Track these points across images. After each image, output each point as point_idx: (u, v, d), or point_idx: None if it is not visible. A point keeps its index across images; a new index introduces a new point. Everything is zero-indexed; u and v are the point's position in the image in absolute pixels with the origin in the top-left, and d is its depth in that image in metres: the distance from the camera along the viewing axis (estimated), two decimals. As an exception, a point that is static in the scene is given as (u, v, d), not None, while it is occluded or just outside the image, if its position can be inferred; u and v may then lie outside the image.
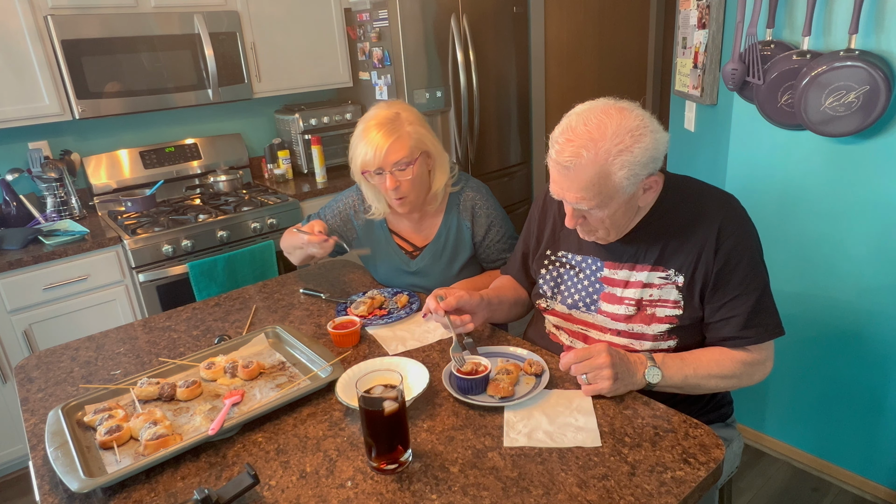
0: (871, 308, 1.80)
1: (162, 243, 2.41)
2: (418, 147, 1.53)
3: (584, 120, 1.08)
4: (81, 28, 2.34)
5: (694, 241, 1.17)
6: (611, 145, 1.05)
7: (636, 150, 1.05)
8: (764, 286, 1.17)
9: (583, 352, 1.11)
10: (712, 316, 1.18)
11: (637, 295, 1.21)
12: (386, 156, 1.48)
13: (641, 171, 1.08)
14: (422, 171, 1.55)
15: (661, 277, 1.19)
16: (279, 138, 3.23)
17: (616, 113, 1.07)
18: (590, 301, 1.28)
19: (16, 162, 2.59)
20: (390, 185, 1.51)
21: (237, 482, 0.91)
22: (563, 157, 1.07)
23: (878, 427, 1.90)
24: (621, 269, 1.24)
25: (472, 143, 3.25)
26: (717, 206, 1.19)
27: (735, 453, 1.32)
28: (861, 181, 1.73)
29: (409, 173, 1.51)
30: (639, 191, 1.13)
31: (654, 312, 1.20)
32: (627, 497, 0.89)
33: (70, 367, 1.41)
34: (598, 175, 1.06)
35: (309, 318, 1.56)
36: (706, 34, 2.10)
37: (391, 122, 1.50)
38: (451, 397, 1.16)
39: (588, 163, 1.05)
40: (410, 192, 1.55)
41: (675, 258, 1.18)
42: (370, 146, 1.49)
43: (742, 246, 1.15)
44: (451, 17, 2.99)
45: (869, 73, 1.52)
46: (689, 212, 1.19)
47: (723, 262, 1.14)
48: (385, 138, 1.48)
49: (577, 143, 1.06)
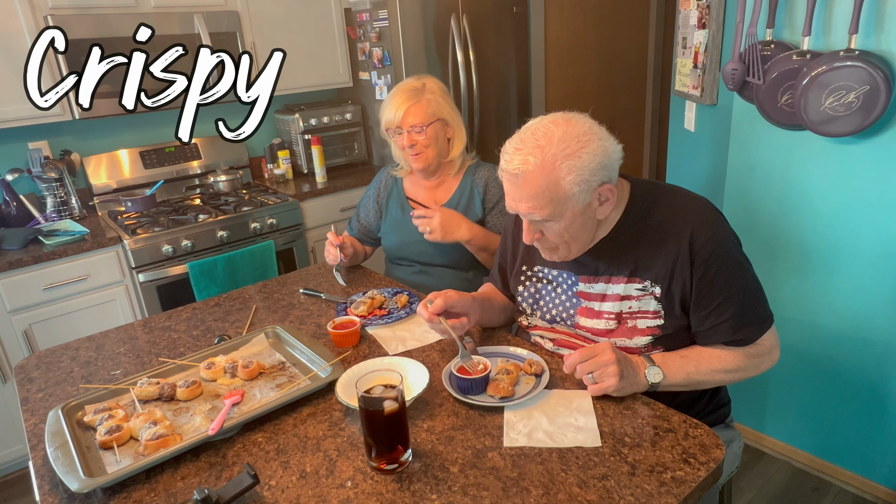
0: (871, 308, 1.80)
1: (162, 243, 2.42)
2: (435, 114, 1.72)
3: (532, 131, 1.10)
4: (81, 28, 2.34)
5: (666, 251, 1.15)
6: (557, 150, 1.06)
7: (583, 154, 1.06)
8: (747, 283, 1.16)
9: (587, 351, 1.11)
10: (700, 325, 1.16)
11: (616, 308, 1.20)
12: (404, 117, 1.70)
13: (592, 178, 1.07)
14: (437, 135, 1.74)
15: (639, 289, 1.17)
16: (279, 138, 3.23)
17: (563, 122, 1.10)
18: (566, 316, 1.27)
19: (16, 162, 2.59)
20: (407, 143, 1.72)
21: (237, 482, 0.92)
22: (512, 165, 1.09)
23: (878, 427, 1.90)
24: (597, 282, 1.22)
25: (471, 143, 3.25)
26: (685, 213, 1.16)
27: (735, 453, 1.32)
28: (861, 181, 1.73)
29: (423, 135, 1.71)
30: (594, 201, 1.11)
31: (636, 325, 1.18)
32: (627, 497, 0.89)
33: (70, 367, 1.41)
34: (548, 182, 1.06)
35: (309, 318, 1.56)
36: (706, 34, 2.10)
37: (415, 90, 1.72)
38: (451, 397, 1.16)
39: (536, 169, 1.06)
40: (425, 150, 1.73)
41: (650, 269, 1.16)
42: (392, 107, 1.71)
43: (718, 251, 1.13)
44: (451, 17, 2.99)
45: (869, 73, 1.52)
46: (659, 220, 1.17)
47: (701, 272, 1.12)
48: (405, 102, 1.70)
49: (524, 151, 1.08)
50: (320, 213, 2.92)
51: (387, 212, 1.91)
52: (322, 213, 2.92)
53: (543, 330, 1.33)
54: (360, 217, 1.97)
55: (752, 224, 2.02)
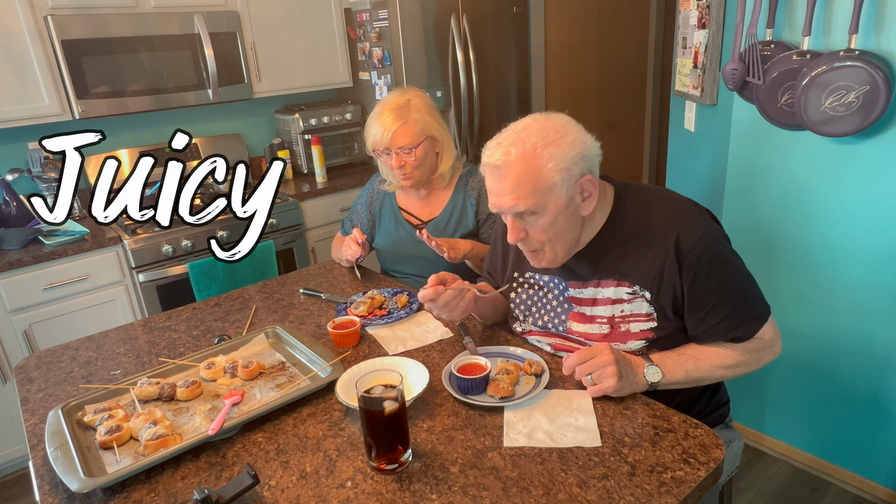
0: (871, 308, 1.80)
1: (162, 243, 2.42)
2: (423, 133, 1.69)
3: (511, 128, 1.14)
4: (81, 28, 2.34)
5: (652, 255, 1.14)
6: (537, 139, 1.08)
7: (563, 143, 1.08)
8: (740, 280, 1.16)
9: (585, 352, 1.11)
10: (696, 328, 1.16)
11: (608, 312, 1.19)
12: (392, 139, 1.66)
13: (573, 167, 1.09)
14: (427, 153, 1.72)
15: (629, 293, 1.17)
16: (279, 138, 3.23)
17: (542, 118, 1.14)
18: (558, 322, 1.27)
19: (16, 162, 2.59)
20: (395, 165, 1.69)
21: (237, 482, 0.92)
22: (494, 157, 1.11)
23: (878, 427, 1.90)
24: (586, 287, 1.22)
25: (472, 143, 3.25)
26: (670, 217, 1.15)
27: (735, 453, 1.32)
28: (861, 181, 1.73)
29: (412, 156, 1.68)
30: (576, 195, 1.12)
31: (629, 329, 1.18)
32: (627, 497, 0.89)
33: (70, 367, 1.41)
34: (529, 170, 1.08)
35: (309, 318, 1.56)
36: (706, 34, 2.10)
37: (401, 109, 1.67)
38: (451, 397, 1.16)
39: (517, 159, 1.08)
40: (414, 171, 1.71)
41: (637, 273, 1.16)
42: (380, 129, 1.67)
43: (706, 253, 1.12)
44: (451, 17, 2.99)
45: (869, 73, 1.52)
46: (644, 225, 1.17)
47: (692, 276, 1.12)
48: (393, 123, 1.65)
49: (505, 144, 1.11)
50: (320, 213, 2.92)
51: (380, 221, 1.90)
52: (322, 213, 2.92)
53: (539, 335, 1.33)
54: (352, 222, 1.97)
55: (752, 224, 2.02)
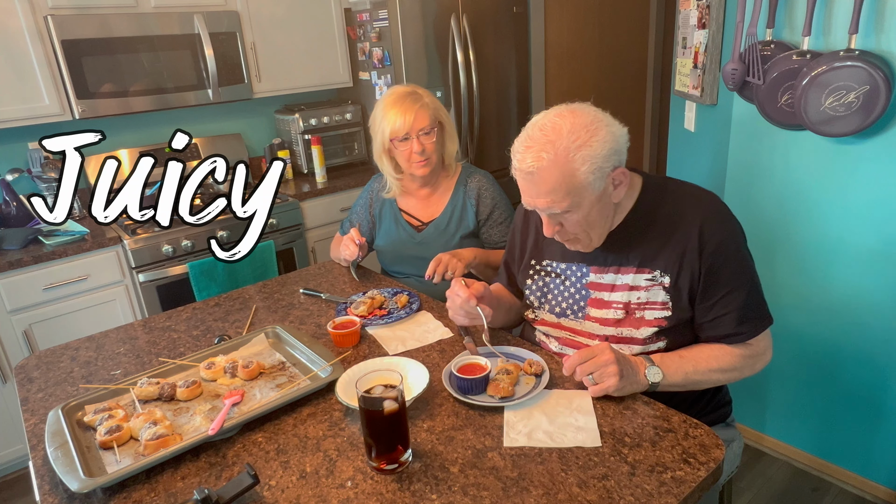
0: (871, 308, 1.80)
1: (162, 243, 2.42)
2: (436, 117, 1.75)
3: (539, 126, 1.11)
4: (81, 28, 2.34)
5: (675, 241, 1.17)
6: (568, 142, 1.07)
7: (594, 143, 1.07)
8: (752, 278, 1.18)
9: (586, 352, 1.11)
10: (705, 315, 1.18)
11: (624, 298, 1.21)
12: (413, 122, 1.69)
13: (605, 164, 1.09)
14: (439, 138, 1.77)
15: (648, 279, 1.19)
16: (279, 138, 3.23)
17: (569, 114, 1.10)
18: (577, 308, 1.28)
19: (16, 162, 2.59)
20: (416, 149, 1.71)
21: (237, 482, 0.92)
22: (525, 163, 1.09)
23: (878, 427, 1.90)
24: (606, 272, 1.24)
25: (472, 143, 3.25)
26: (696, 205, 1.19)
27: (735, 453, 1.32)
28: (861, 181, 1.73)
29: (431, 137, 1.73)
30: (608, 186, 1.13)
31: (643, 315, 1.20)
32: (627, 497, 0.89)
33: (70, 367, 1.41)
34: (563, 174, 1.07)
35: (309, 318, 1.56)
36: (706, 34, 2.10)
37: (412, 96, 1.72)
38: (451, 397, 1.16)
39: (550, 164, 1.07)
40: (433, 156, 1.75)
41: (659, 259, 1.18)
42: (399, 115, 1.69)
43: (726, 243, 1.15)
44: (451, 17, 2.99)
45: (869, 73, 1.52)
46: (669, 211, 1.19)
47: (710, 263, 1.15)
48: (411, 107, 1.70)
49: (535, 148, 1.08)
50: (320, 213, 2.92)
51: (380, 223, 1.92)
52: (322, 213, 2.92)
53: (549, 326, 1.34)
54: (352, 223, 1.98)
55: (753, 224, 2.01)
